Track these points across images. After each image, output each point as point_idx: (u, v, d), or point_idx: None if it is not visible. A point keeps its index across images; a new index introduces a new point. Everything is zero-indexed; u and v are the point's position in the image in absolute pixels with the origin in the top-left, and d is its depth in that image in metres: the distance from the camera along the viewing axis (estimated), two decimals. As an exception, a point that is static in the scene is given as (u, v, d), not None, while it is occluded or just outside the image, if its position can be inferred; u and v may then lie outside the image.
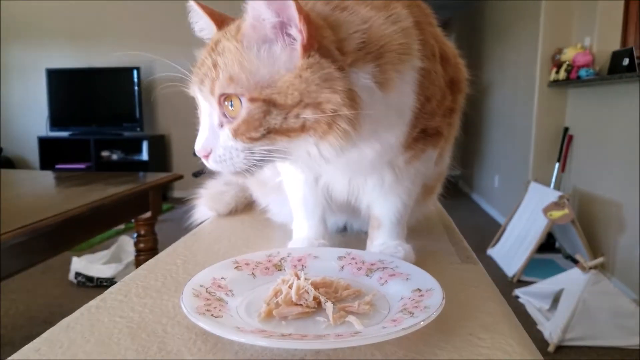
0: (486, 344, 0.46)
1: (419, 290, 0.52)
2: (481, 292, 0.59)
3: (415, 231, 0.82)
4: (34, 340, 0.47)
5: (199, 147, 0.57)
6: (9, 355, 0.44)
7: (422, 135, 0.67)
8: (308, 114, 0.52)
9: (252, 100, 0.53)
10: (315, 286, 0.53)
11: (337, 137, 0.53)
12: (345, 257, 0.64)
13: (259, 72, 0.53)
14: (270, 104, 0.52)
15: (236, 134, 0.54)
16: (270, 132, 0.53)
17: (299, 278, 0.53)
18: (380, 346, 0.44)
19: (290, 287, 0.52)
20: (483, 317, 0.52)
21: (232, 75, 0.53)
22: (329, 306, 0.50)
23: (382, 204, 0.71)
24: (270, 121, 0.53)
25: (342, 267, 0.63)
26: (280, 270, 0.62)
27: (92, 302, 0.56)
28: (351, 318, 0.48)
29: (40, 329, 0.49)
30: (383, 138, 0.61)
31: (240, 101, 0.53)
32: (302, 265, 0.63)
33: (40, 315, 2.68)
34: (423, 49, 0.61)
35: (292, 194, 0.76)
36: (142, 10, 5.93)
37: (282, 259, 0.64)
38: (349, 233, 0.86)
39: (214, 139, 0.56)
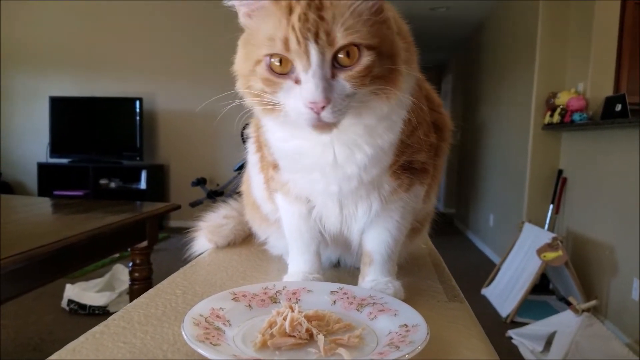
0: (466, 378, 0.49)
1: (406, 325, 0.55)
2: (466, 329, 0.62)
3: (405, 269, 0.85)
4: (43, 363, 0.50)
5: (319, 97, 0.56)
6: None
7: (409, 167, 0.72)
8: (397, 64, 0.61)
9: (368, 47, 0.57)
10: (308, 319, 0.56)
11: (397, 95, 0.62)
12: (337, 292, 0.67)
13: (367, 23, 0.57)
14: (378, 53, 0.58)
15: (353, 82, 0.57)
16: (373, 79, 0.59)
17: (293, 310, 0.56)
18: (368, 377, 0.47)
19: (284, 319, 0.55)
20: (465, 353, 0.55)
21: (349, 26, 0.56)
22: (320, 338, 0.53)
23: (374, 238, 0.74)
24: (375, 69, 0.58)
25: (335, 301, 0.66)
26: (276, 302, 0.65)
27: (97, 328, 0.59)
28: (341, 350, 0.51)
29: (31, 356, 0.51)
30: (376, 142, 0.66)
31: (359, 50, 0.57)
32: (297, 299, 0.66)
33: (31, 343, 2.66)
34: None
35: (289, 228, 0.79)
36: (145, 42, 6.08)
37: (277, 291, 0.67)
38: (342, 268, 0.89)
39: (330, 89, 0.57)
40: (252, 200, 0.91)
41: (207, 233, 1.03)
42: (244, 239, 1.06)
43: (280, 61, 0.57)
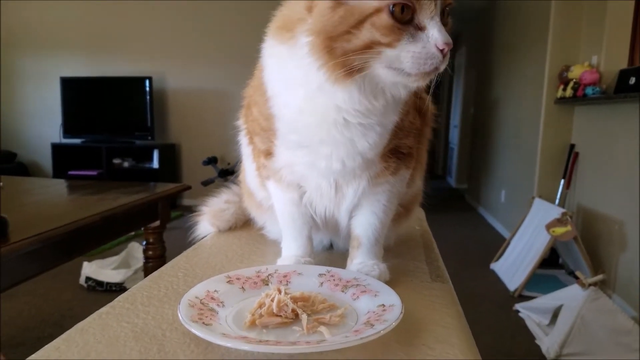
0: (435, 354, 0.54)
1: (383, 305, 0.60)
2: (444, 308, 0.66)
3: (395, 251, 0.90)
4: (54, 341, 0.56)
5: (450, 40, 0.60)
6: (21, 355, 0.52)
7: (395, 151, 0.75)
8: None
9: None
10: (295, 300, 0.61)
11: None
12: (325, 275, 0.72)
13: None
14: None
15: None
16: None
17: (280, 292, 0.61)
18: (344, 352, 0.52)
19: (272, 300, 0.60)
20: (439, 330, 0.59)
21: None
22: (304, 317, 0.58)
23: (362, 223, 0.78)
24: None
25: (322, 283, 0.70)
26: (267, 285, 0.69)
27: (103, 309, 0.65)
28: (322, 328, 0.56)
29: (52, 331, 0.57)
30: (384, 121, 0.68)
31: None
32: (287, 281, 0.70)
33: (50, 319, 2.78)
34: None
35: (281, 215, 0.84)
36: (154, 21, 6.09)
37: (269, 275, 0.72)
38: (334, 252, 0.94)
39: None
40: (247, 188, 0.96)
41: (209, 217, 1.08)
42: (245, 223, 1.10)
43: (402, 9, 0.58)
